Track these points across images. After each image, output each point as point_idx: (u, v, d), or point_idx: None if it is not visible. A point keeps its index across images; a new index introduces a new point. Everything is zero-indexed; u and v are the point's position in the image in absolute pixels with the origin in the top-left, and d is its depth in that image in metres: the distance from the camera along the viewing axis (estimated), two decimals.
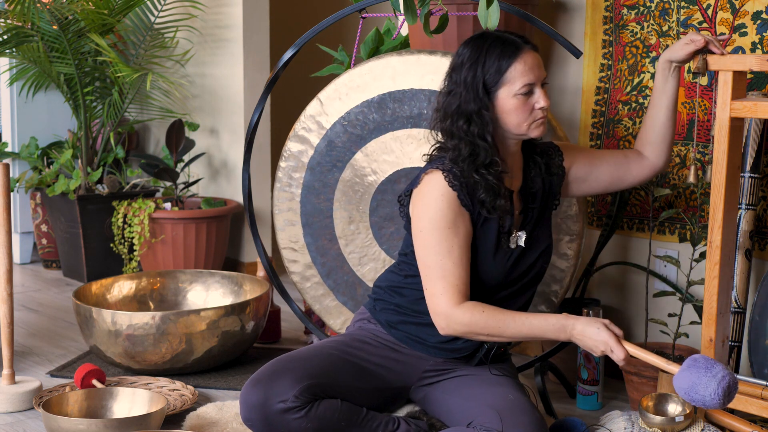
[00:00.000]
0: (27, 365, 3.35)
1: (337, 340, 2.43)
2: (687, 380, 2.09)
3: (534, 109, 2.29)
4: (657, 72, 2.46)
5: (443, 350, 2.39)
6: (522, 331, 2.24)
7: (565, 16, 3.33)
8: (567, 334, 2.22)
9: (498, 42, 2.28)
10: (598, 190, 2.56)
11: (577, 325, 2.21)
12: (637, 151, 2.52)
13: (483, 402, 2.29)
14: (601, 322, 2.20)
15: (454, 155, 2.29)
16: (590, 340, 2.19)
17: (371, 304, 2.49)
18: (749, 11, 2.84)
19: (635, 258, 3.18)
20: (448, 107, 2.31)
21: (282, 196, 2.98)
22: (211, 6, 4.61)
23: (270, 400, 2.21)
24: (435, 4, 2.79)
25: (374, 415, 2.34)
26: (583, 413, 2.91)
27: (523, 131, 2.31)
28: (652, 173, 2.52)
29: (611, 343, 2.17)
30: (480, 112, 2.27)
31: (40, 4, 4.30)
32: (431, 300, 2.28)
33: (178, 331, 3.11)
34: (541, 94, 2.29)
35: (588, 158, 2.52)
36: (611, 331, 2.18)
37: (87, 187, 4.50)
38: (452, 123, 2.30)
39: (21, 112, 4.86)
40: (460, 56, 2.31)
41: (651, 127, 2.49)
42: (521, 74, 2.26)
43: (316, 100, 2.92)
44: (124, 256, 4.37)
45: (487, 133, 2.27)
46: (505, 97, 2.27)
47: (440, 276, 2.26)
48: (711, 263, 2.41)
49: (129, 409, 2.74)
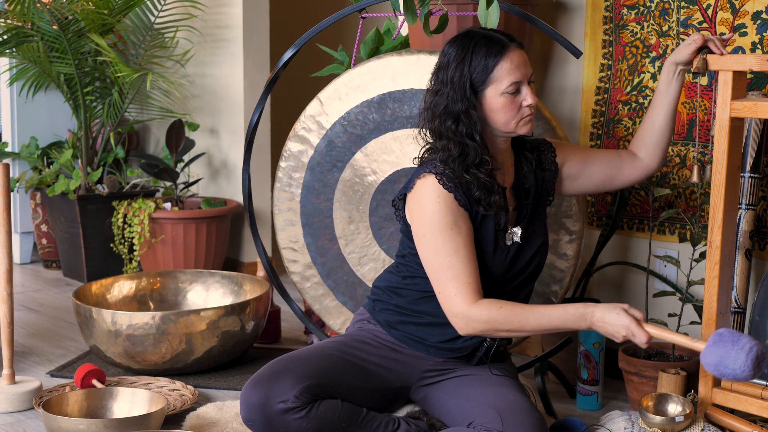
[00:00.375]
0: (27, 365, 3.35)
1: (336, 341, 2.43)
2: (715, 355, 2.06)
3: (522, 107, 2.29)
4: (661, 74, 2.47)
5: (443, 350, 2.39)
6: (542, 323, 2.22)
7: (565, 16, 3.33)
8: (587, 322, 2.20)
9: (484, 40, 2.27)
10: (591, 189, 2.56)
11: (597, 312, 2.18)
12: (632, 152, 2.53)
13: (483, 402, 2.29)
14: (621, 306, 2.17)
15: (444, 156, 2.29)
16: (611, 326, 2.17)
17: (370, 304, 2.49)
18: (749, 11, 2.84)
19: (635, 258, 3.18)
20: (435, 107, 2.31)
21: (282, 196, 2.98)
22: (211, 6, 4.61)
23: (270, 401, 2.21)
24: (435, 4, 2.79)
25: (374, 415, 2.34)
26: (583, 413, 2.91)
27: (511, 129, 2.31)
28: (644, 175, 2.52)
29: (632, 328, 2.14)
30: (468, 111, 2.27)
31: (40, 4, 4.30)
32: (446, 302, 2.27)
33: (178, 331, 3.11)
34: (529, 91, 2.28)
35: (581, 156, 2.52)
36: (631, 315, 2.16)
37: (87, 187, 4.50)
38: (440, 123, 2.29)
39: (21, 112, 4.86)
40: (446, 55, 2.31)
41: (648, 129, 2.49)
42: (508, 72, 2.26)
43: (316, 100, 2.92)
44: (124, 256, 4.37)
45: (475, 132, 2.27)
46: (493, 95, 2.27)
47: (451, 277, 2.25)
48: (711, 263, 2.41)
49: (129, 409, 2.74)
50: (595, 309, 2.19)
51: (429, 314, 2.37)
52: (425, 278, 2.35)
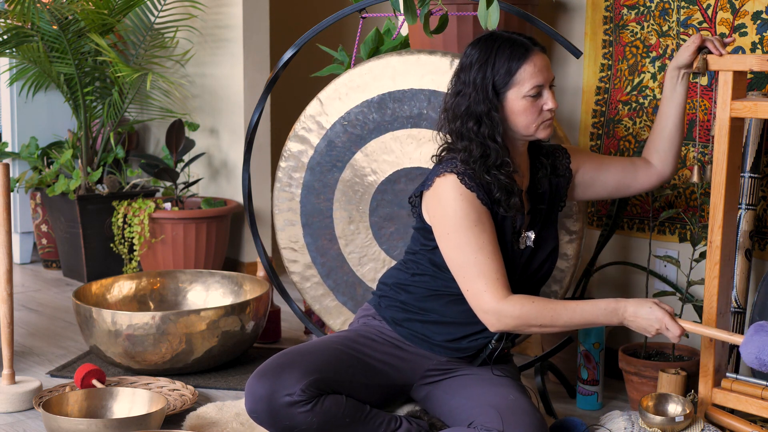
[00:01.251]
0: (27, 365, 3.35)
1: (341, 336, 2.42)
2: (755, 345, 2.06)
3: (542, 111, 2.31)
4: (666, 80, 2.47)
5: (448, 349, 2.40)
6: (574, 319, 2.22)
7: (565, 16, 3.33)
8: (619, 318, 2.21)
9: (508, 43, 2.29)
10: (604, 195, 2.57)
11: (629, 306, 2.20)
12: (645, 159, 2.54)
13: (484, 402, 2.29)
14: (652, 301, 2.19)
15: (465, 156, 2.30)
16: (644, 320, 2.18)
17: (376, 300, 2.49)
18: (749, 11, 2.84)
19: (635, 258, 3.18)
20: (456, 108, 2.32)
21: (282, 196, 2.98)
22: (211, 6, 4.61)
23: (276, 393, 2.21)
24: (435, 4, 2.79)
25: (377, 412, 2.35)
26: (583, 413, 2.91)
27: (531, 132, 2.32)
28: (658, 181, 2.53)
29: (666, 321, 2.16)
30: (490, 113, 2.28)
31: (40, 4, 4.30)
32: (475, 299, 2.26)
33: (178, 331, 3.11)
34: (550, 95, 2.30)
35: (595, 163, 2.54)
36: (664, 309, 2.18)
37: (87, 187, 4.50)
38: (462, 124, 2.30)
39: (21, 112, 4.86)
40: (468, 57, 2.32)
41: (659, 136, 2.51)
42: (531, 76, 2.27)
43: (316, 100, 2.92)
44: (124, 256, 4.37)
45: (497, 133, 2.28)
46: (514, 98, 2.28)
47: (478, 273, 2.25)
48: (711, 263, 2.41)
49: (129, 409, 2.74)
50: (627, 304, 2.20)
51: (435, 312, 2.38)
52: (434, 276, 2.36)
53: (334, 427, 2.27)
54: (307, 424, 2.23)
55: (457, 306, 2.35)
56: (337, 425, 2.27)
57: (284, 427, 2.24)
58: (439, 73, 2.77)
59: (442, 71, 2.77)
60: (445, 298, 2.36)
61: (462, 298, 2.33)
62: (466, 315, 2.35)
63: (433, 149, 2.80)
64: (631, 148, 3.14)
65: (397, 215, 2.88)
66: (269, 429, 2.27)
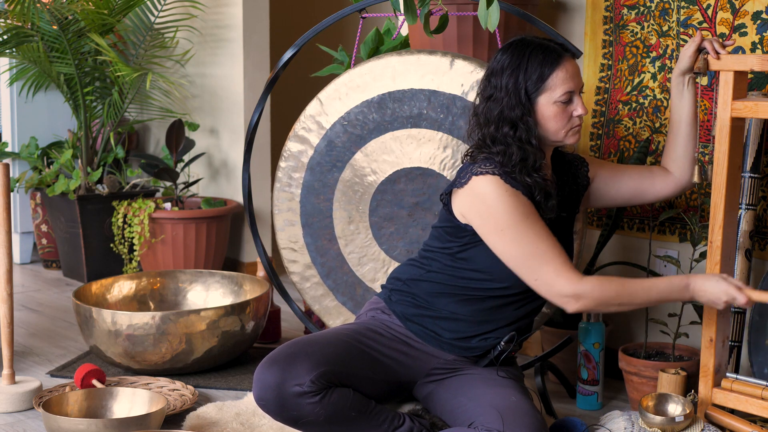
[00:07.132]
0: (27, 365, 3.35)
1: (350, 328, 2.42)
2: None
3: (572, 117, 2.33)
4: (672, 88, 2.48)
5: (457, 347, 2.39)
6: (651, 296, 2.26)
7: (565, 16, 3.33)
8: (690, 293, 2.26)
9: (540, 49, 2.30)
10: (621, 202, 2.59)
11: (698, 281, 2.25)
12: (664, 168, 2.56)
13: (486, 402, 2.29)
14: (719, 275, 2.25)
15: (504, 160, 2.30)
16: (711, 293, 2.24)
17: (386, 294, 2.48)
18: (749, 11, 2.84)
19: (635, 258, 3.18)
20: (488, 113, 2.33)
21: (282, 196, 2.98)
22: (211, 6, 4.61)
23: (286, 382, 2.21)
24: (435, 4, 2.79)
25: (382, 408, 2.35)
26: (583, 413, 2.91)
27: (560, 138, 2.34)
28: (676, 188, 2.55)
29: (732, 291, 2.22)
30: (524, 117, 2.30)
31: (40, 4, 4.30)
32: (547, 287, 2.26)
33: (178, 331, 3.11)
34: (579, 101, 2.32)
35: (612, 171, 2.57)
36: (729, 281, 2.23)
37: (87, 187, 4.50)
38: (497, 129, 2.32)
39: (21, 112, 4.86)
40: (499, 62, 2.33)
41: (674, 144, 2.52)
42: (563, 81, 2.29)
43: (316, 100, 2.92)
44: (124, 256, 4.37)
45: (532, 137, 2.30)
46: (545, 103, 2.30)
47: (544, 261, 2.25)
48: (711, 263, 2.41)
49: (129, 409, 2.74)
50: (696, 279, 2.26)
51: (447, 309, 2.39)
52: (449, 275, 2.36)
53: (340, 419, 2.27)
54: (314, 415, 2.23)
55: (471, 305, 2.36)
56: (342, 418, 2.27)
57: (291, 417, 2.25)
58: (439, 73, 2.77)
59: (442, 71, 2.77)
60: (459, 295, 2.36)
61: (476, 297, 2.34)
62: (478, 314, 2.35)
63: (432, 149, 2.81)
64: (631, 148, 3.15)
65: (397, 215, 2.88)
66: (276, 418, 2.27)
